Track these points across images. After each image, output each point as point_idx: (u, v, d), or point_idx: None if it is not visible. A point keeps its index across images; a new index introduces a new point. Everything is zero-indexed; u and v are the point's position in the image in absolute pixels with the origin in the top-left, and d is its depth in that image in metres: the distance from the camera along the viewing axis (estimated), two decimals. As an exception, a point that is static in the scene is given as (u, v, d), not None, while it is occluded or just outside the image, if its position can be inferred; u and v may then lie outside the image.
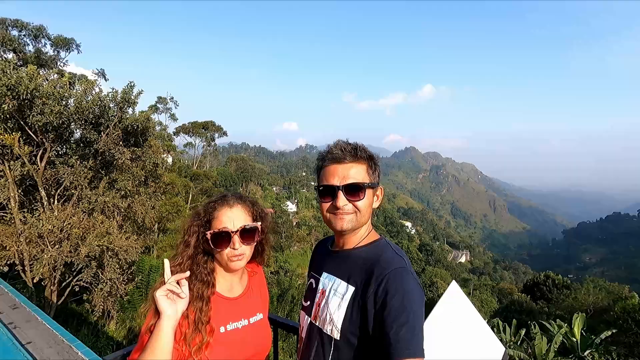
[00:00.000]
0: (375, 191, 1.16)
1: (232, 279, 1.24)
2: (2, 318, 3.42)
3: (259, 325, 1.24)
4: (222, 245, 1.14)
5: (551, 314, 25.22)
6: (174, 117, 47.72)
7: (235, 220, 1.15)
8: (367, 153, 1.14)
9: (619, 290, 32.39)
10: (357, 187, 1.09)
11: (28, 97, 8.37)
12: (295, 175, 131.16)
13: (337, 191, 1.09)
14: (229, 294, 1.21)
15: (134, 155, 11.01)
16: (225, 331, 1.13)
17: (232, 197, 1.21)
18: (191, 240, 1.16)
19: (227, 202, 1.18)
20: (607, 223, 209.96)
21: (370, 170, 1.14)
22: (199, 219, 1.18)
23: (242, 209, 1.19)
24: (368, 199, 1.12)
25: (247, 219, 1.18)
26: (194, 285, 1.10)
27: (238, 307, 1.21)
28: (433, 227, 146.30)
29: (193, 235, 1.17)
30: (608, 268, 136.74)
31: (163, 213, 22.66)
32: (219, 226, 1.14)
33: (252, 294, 1.28)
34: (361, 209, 1.11)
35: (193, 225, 1.18)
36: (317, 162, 1.21)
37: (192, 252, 1.15)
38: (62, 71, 21.90)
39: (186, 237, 1.18)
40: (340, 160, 1.11)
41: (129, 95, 10.15)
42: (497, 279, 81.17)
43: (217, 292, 1.16)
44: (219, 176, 66.04)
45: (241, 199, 1.22)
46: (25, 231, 8.82)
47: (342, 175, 1.10)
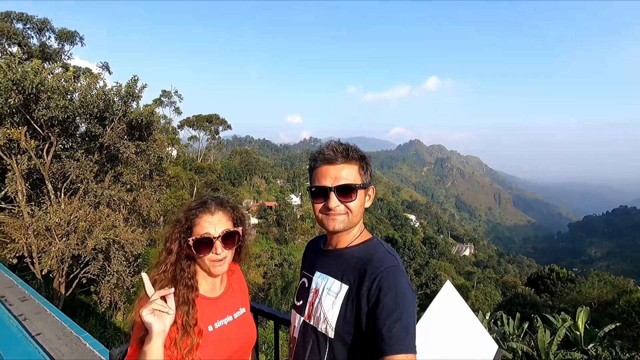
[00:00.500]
0: (367, 191, 1.16)
1: (214, 280, 1.27)
2: (12, 310, 3.50)
3: (243, 319, 1.30)
4: (204, 251, 1.16)
5: (555, 307, 25.20)
6: (178, 110, 47.74)
7: (216, 226, 1.17)
8: (358, 153, 1.14)
9: (624, 283, 32.24)
10: (349, 188, 1.10)
11: (33, 92, 8.43)
12: (299, 168, 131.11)
13: (329, 192, 1.10)
14: (211, 294, 1.25)
15: (139, 149, 11.07)
16: (213, 329, 1.17)
17: (213, 202, 1.22)
18: (173, 248, 1.18)
19: (208, 208, 1.19)
20: (614, 216, 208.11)
21: (362, 171, 1.14)
22: (180, 226, 1.19)
23: (223, 215, 1.21)
24: (360, 200, 1.13)
25: (228, 224, 1.21)
26: (179, 290, 1.12)
27: (222, 305, 1.25)
28: (437, 220, 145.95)
29: (175, 242, 1.18)
30: (614, 262, 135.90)
31: (168, 206, 22.81)
32: (200, 232, 1.15)
33: (233, 291, 1.33)
34: (353, 210, 1.12)
35: (174, 233, 1.19)
36: (309, 163, 1.22)
37: (175, 259, 1.17)
38: (67, 64, 21.97)
39: (168, 244, 1.19)
40: (332, 161, 1.12)
41: (132, 89, 10.18)
42: (501, 272, 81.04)
43: (200, 295, 1.19)
44: (224, 169, 66.28)
45: (222, 204, 1.24)
46: (33, 224, 8.96)
47: (334, 177, 1.11)
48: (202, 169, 41.39)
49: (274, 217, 72.44)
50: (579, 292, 28.11)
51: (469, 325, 1.05)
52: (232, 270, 1.38)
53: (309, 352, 1.14)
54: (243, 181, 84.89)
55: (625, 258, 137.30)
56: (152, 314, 0.99)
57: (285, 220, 70.37)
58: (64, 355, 2.68)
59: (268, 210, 75.74)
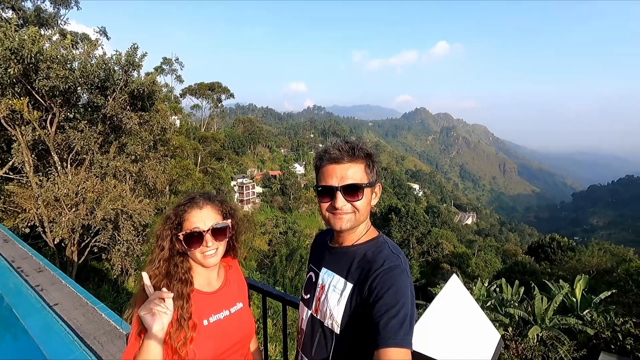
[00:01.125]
0: (373, 189, 1.17)
1: (209, 274, 1.29)
2: (29, 280, 3.64)
3: (240, 314, 1.32)
4: (195, 245, 1.19)
5: (554, 275, 25.75)
6: (180, 78, 46.76)
7: (205, 220, 1.20)
8: (364, 152, 1.14)
9: (624, 252, 32.61)
10: (356, 187, 1.11)
11: (32, 61, 8.27)
12: (303, 137, 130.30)
13: (336, 192, 1.11)
14: (208, 289, 1.27)
15: (142, 119, 11.00)
16: (208, 324, 1.20)
17: (201, 198, 1.25)
18: (165, 244, 1.21)
19: (197, 203, 1.22)
20: (619, 186, 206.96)
21: (368, 169, 1.14)
22: (171, 222, 1.22)
23: (212, 209, 1.24)
24: (366, 199, 1.13)
25: (217, 217, 1.24)
26: (173, 285, 1.15)
27: (218, 299, 1.27)
28: (441, 189, 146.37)
29: (166, 238, 1.21)
30: (615, 231, 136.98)
31: (173, 176, 23.03)
32: (190, 227, 1.19)
33: (230, 286, 1.35)
34: (360, 209, 1.13)
35: (165, 230, 1.22)
36: (314, 162, 1.21)
37: (168, 255, 1.20)
38: (64, 30, 21.36)
39: (159, 241, 1.22)
40: (338, 160, 1.12)
41: (133, 57, 9.95)
42: (502, 240, 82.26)
43: (196, 289, 1.22)
44: (227, 138, 66.03)
45: (210, 199, 1.26)
46: (43, 194, 9.12)
47: (340, 176, 1.11)
48: (206, 138, 41.19)
49: (278, 186, 73.10)
50: (578, 261, 28.60)
51: (473, 316, 1.08)
52: (229, 265, 1.41)
53: (316, 344, 1.19)
54: (247, 150, 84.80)
55: (627, 227, 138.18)
56: (151, 313, 1.02)
57: (290, 189, 71.02)
58: (81, 325, 2.81)
59: (272, 179, 76.27)
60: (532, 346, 12.60)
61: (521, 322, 14.39)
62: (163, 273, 1.17)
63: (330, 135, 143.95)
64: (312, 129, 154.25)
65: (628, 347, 11.54)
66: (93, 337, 2.68)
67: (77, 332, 2.71)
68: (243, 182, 63.94)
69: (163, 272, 1.17)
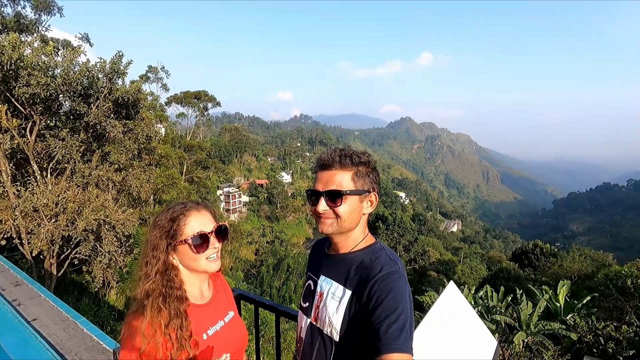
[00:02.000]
0: (363, 197, 1.16)
1: (200, 285, 1.25)
2: (5, 295, 3.47)
3: (233, 322, 1.30)
4: (202, 249, 1.15)
5: (537, 280, 26.22)
6: (165, 87, 46.29)
7: (206, 222, 1.18)
8: (355, 160, 1.15)
9: (603, 258, 33.54)
10: (337, 193, 1.12)
11: (12, 68, 8.05)
12: (290, 146, 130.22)
13: (320, 197, 1.15)
14: (201, 301, 1.23)
15: (126, 128, 10.80)
16: (207, 337, 1.17)
17: (193, 203, 1.22)
18: (161, 256, 1.14)
19: (195, 207, 1.19)
20: (596, 193, 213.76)
21: (357, 177, 1.15)
22: (165, 232, 1.15)
23: (208, 212, 1.22)
24: (350, 206, 1.14)
25: (213, 220, 1.21)
26: (169, 304, 1.09)
27: (212, 310, 1.25)
28: (426, 197, 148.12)
29: (163, 250, 1.14)
30: (594, 237, 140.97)
31: (158, 185, 22.60)
32: (193, 231, 1.14)
33: (220, 295, 1.33)
34: (341, 215, 1.14)
35: (161, 240, 1.15)
36: (312, 168, 1.26)
37: (163, 268, 1.14)
38: (44, 37, 20.91)
39: (155, 252, 1.14)
40: (327, 166, 1.15)
41: (117, 65, 9.80)
42: (487, 247, 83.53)
43: (191, 303, 1.17)
44: (213, 147, 65.40)
45: (203, 203, 1.24)
46: (20, 205, 8.79)
47: (325, 182, 1.14)
48: (192, 146, 40.73)
49: (265, 194, 72.58)
50: (560, 266, 29.21)
51: (470, 323, 1.08)
52: (216, 275, 1.37)
53: (315, 352, 1.18)
54: (233, 159, 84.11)
55: (605, 233, 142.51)
56: None
57: (277, 198, 70.60)
58: (62, 341, 2.70)
59: (259, 188, 75.70)
60: (518, 352, 12.73)
61: (507, 328, 14.56)
62: (160, 289, 1.11)
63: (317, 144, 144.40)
64: (299, 137, 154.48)
65: (610, 350, 11.80)
66: (74, 353, 2.57)
67: (57, 348, 2.59)
68: (229, 191, 63.24)
69: (160, 288, 1.11)
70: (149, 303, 1.07)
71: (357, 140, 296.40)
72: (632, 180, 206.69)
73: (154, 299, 1.08)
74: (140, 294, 1.11)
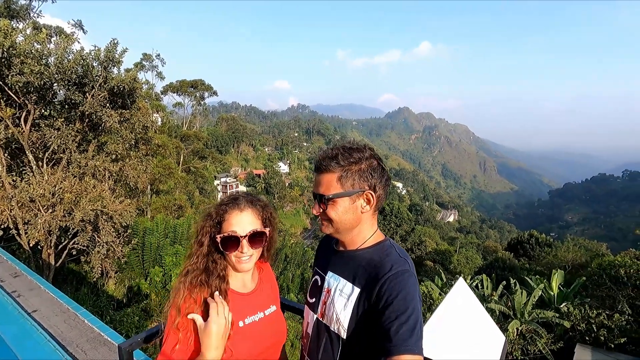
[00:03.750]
0: (357, 197, 1.13)
1: (243, 276, 1.28)
2: (4, 286, 3.47)
3: (274, 316, 1.31)
4: (231, 249, 1.18)
5: (532, 270, 26.54)
6: (161, 75, 45.75)
7: (245, 224, 1.18)
8: (342, 161, 1.11)
9: (597, 247, 33.97)
10: (319, 197, 1.14)
11: (4, 56, 7.89)
12: (287, 135, 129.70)
13: (314, 200, 1.17)
14: (243, 290, 1.26)
15: (122, 117, 10.68)
16: (244, 325, 1.19)
17: (244, 199, 1.23)
18: (204, 240, 1.20)
19: (238, 205, 1.21)
20: (592, 184, 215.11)
21: (345, 179, 1.11)
22: (211, 219, 1.21)
23: (252, 213, 1.21)
24: (340, 208, 1.12)
25: (256, 223, 1.21)
26: (212, 281, 1.15)
27: (253, 301, 1.26)
28: (424, 187, 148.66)
29: (206, 235, 1.20)
30: (589, 227, 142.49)
31: (155, 175, 22.51)
32: (228, 229, 1.17)
33: (264, 288, 1.34)
34: (332, 218, 1.13)
35: (206, 226, 1.21)
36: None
37: (207, 251, 1.19)
38: (37, 24, 20.47)
39: (199, 237, 1.21)
40: (317, 169, 1.17)
41: (112, 53, 9.63)
42: (483, 237, 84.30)
43: (231, 289, 1.20)
44: (210, 136, 64.98)
45: (252, 202, 1.24)
46: (17, 195, 8.72)
47: (315, 185, 1.17)
48: (188, 136, 40.41)
49: (262, 185, 72.56)
50: (554, 256, 29.54)
51: (479, 319, 1.09)
52: (261, 267, 1.40)
53: (322, 349, 1.18)
54: (230, 149, 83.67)
55: (600, 223, 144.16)
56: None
57: (274, 188, 70.63)
58: (63, 333, 2.70)
59: (256, 178, 75.62)
60: (512, 340, 12.97)
61: (502, 317, 14.80)
62: (201, 268, 1.16)
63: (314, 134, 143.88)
64: (297, 127, 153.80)
65: (602, 338, 12.03)
66: (76, 344, 2.57)
67: (58, 340, 2.60)
68: (227, 181, 63.10)
69: (201, 267, 1.16)
70: (187, 279, 1.14)
71: (354, 131, 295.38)
72: (627, 170, 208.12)
73: (194, 276, 1.14)
74: (182, 272, 1.18)
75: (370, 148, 1.17)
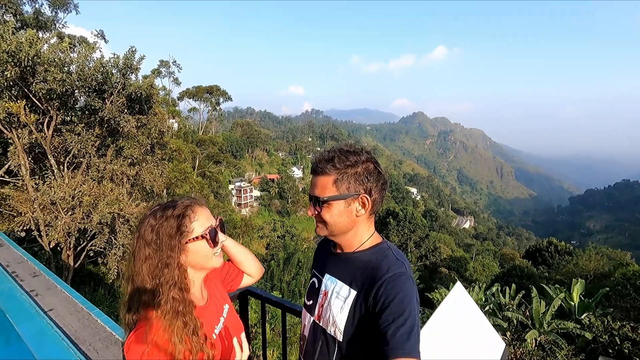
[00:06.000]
0: (352, 200, 1.12)
1: (201, 285, 1.21)
2: (24, 285, 3.59)
3: (230, 315, 1.28)
4: (216, 242, 1.13)
5: (551, 278, 25.77)
6: (177, 81, 46.89)
7: (210, 216, 1.15)
8: (338, 164, 1.10)
9: (621, 256, 32.73)
10: (315, 199, 1.13)
11: (29, 64, 8.24)
12: (301, 140, 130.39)
13: (310, 202, 1.17)
14: (202, 302, 1.18)
15: (139, 123, 10.97)
16: (216, 336, 1.16)
17: (191, 198, 1.15)
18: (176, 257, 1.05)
19: (197, 202, 1.14)
20: (615, 190, 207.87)
21: (340, 182, 1.10)
22: (176, 232, 1.05)
23: (206, 206, 1.19)
24: (335, 211, 1.12)
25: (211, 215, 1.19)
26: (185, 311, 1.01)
27: (213, 309, 1.22)
28: (438, 193, 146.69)
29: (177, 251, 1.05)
30: (612, 235, 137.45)
31: (171, 179, 22.95)
32: (204, 226, 1.09)
33: (214, 292, 1.29)
34: (326, 221, 1.13)
35: (173, 240, 1.04)
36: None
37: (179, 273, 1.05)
38: (61, 34, 21.35)
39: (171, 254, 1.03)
40: (313, 171, 1.16)
41: (130, 61, 9.93)
42: (500, 244, 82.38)
43: (197, 306, 1.11)
44: (225, 141, 65.95)
45: (197, 198, 1.20)
46: (39, 198, 9.05)
47: (311, 187, 1.17)
48: (204, 141, 41.16)
49: (276, 189, 73.00)
50: (575, 265, 28.63)
51: (477, 325, 1.06)
52: None
53: (318, 352, 1.18)
54: (245, 153, 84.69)
55: (624, 231, 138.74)
56: None
57: (287, 192, 70.93)
58: (76, 331, 2.77)
59: (270, 182, 76.16)
60: (531, 351, 12.58)
61: (519, 326, 14.38)
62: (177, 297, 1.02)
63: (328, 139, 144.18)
64: (310, 132, 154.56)
65: (626, 351, 11.54)
66: (88, 343, 2.64)
67: (72, 338, 2.67)
68: (241, 186, 63.82)
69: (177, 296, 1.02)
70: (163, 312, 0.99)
71: (368, 135, 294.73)
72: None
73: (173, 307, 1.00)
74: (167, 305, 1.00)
75: (367, 151, 1.16)
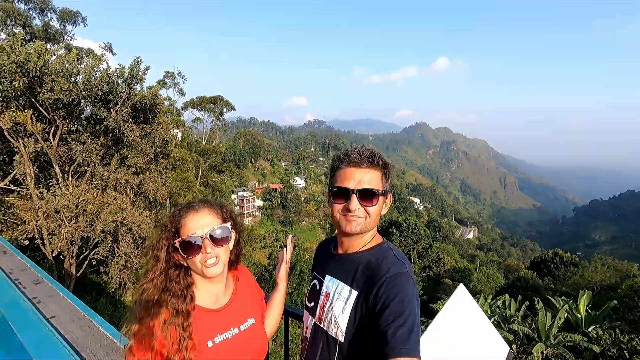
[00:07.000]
0: (385, 198, 1.18)
1: (216, 289, 1.17)
2: (26, 292, 3.59)
3: (252, 331, 1.20)
4: (194, 252, 1.08)
5: (557, 290, 25.40)
6: (181, 92, 47.47)
7: (203, 224, 1.09)
8: (383, 160, 1.16)
9: (628, 268, 32.21)
10: (371, 193, 1.12)
11: (37, 75, 8.39)
12: (304, 150, 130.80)
13: (351, 194, 1.11)
14: (214, 306, 1.15)
15: (144, 132, 11.08)
16: (213, 345, 1.08)
17: (198, 202, 1.15)
18: (161, 254, 1.08)
19: (193, 207, 1.13)
20: (620, 201, 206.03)
21: (384, 178, 1.16)
22: (167, 230, 1.10)
23: (210, 212, 1.13)
24: (379, 206, 1.15)
25: (215, 221, 1.13)
26: (170, 301, 1.03)
27: (225, 317, 1.16)
28: (442, 203, 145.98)
29: (162, 248, 1.09)
30: (618, 246, 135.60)
31: (174, 188, 23.03)
32: (187, 233, 1.08)
33: (240, 299, 1.24)
34: (371, 215, 1.13)
35: (161, 239, 1.10)
36: (332, 163, 1.22)
37: (164, 266, 1.08)
38: (69, 45, 21.77)
39: (155, 252, 1.09)
40: (357, 164, 1.13)
41: (136, 71, 10.10)
42: (504, 255, 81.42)
43: (199, 307, 1.10)
44: (228, 151, 66.33)
45: (207, 202, 1.17)
46: (43, 206, 9.10)
47: (358, 180, 1.12)
48: (207, 151, 41.41)
49: (279, 199, 72.98)
50: (581, 276, 28.20)
51: (481, 328, 1.06)
52: (237, 276, 1.30)
53: (319, 353, 1.17)
54: (248, 163, 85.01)
55: (630, 242, 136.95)
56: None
57: (290, 202, 70.87)
58: (78, 338, 2.76)
59: (273, 192, 76.20)
60: (537, 364, 12.32)
61: (525, 339, 14.11)
62: (159, 286, 1.06)
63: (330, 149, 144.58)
64: (313, 142, 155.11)
65: (635, 365, 11.29)
66: (90, 350, 2.62)
67: (73, 345, 2.65)
68: (244, 195, 63.87)
69: (159, 285, 1.06)
70: (141, 301, 1.03)
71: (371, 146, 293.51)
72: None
73: (149, 296, 1.04)
74: (138, 293, 1.06)
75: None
